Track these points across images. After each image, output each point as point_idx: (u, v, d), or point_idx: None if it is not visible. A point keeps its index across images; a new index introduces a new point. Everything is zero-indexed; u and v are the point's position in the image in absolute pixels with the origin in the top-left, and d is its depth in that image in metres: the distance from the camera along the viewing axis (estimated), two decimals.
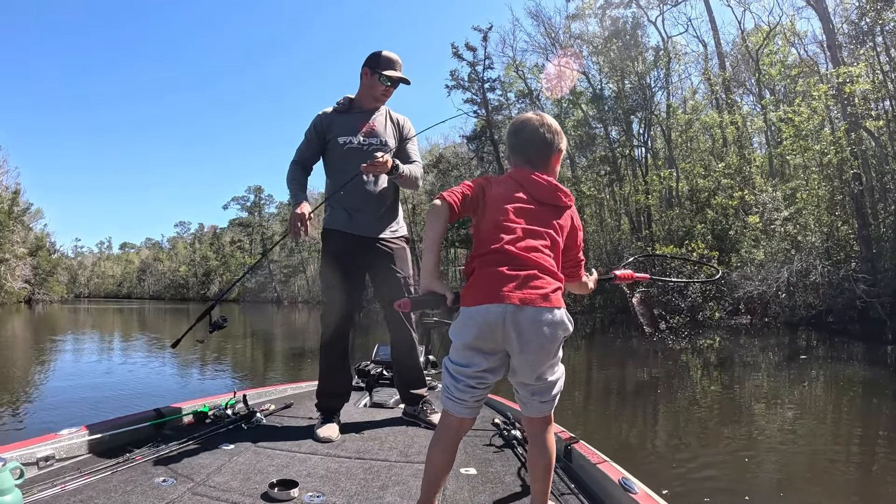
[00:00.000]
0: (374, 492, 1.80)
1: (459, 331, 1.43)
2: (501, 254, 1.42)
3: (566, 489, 1.83)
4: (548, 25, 27.34)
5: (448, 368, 1.48)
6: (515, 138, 1.63)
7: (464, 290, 1.45)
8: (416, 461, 2.13)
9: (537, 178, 1.54)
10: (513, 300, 1.36)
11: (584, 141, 25.74)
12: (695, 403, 6.67)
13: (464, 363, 1.44)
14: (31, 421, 5.61)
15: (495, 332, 1.38)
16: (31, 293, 47.45)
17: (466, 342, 1.42)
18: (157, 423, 2.40)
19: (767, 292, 16.32)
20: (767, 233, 17.30)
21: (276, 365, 11.21)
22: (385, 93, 2.71)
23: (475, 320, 1.39)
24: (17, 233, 42.62)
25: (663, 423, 5.88)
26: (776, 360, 10.56)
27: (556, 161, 1.63)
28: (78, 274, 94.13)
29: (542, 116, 1.65)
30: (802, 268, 15.41)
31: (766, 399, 6.93)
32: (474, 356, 1.42)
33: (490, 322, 1.38)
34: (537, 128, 1.60)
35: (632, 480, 1.67)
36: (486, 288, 1.40)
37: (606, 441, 4.80)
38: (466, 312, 1.42)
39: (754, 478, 3.91)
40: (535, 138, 1.60)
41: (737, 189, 18.87)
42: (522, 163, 1.59)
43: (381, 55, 2.65)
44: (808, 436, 5.10)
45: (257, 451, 2.21)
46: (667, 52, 23.99)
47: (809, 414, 6.13)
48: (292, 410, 3.01)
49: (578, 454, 2.05)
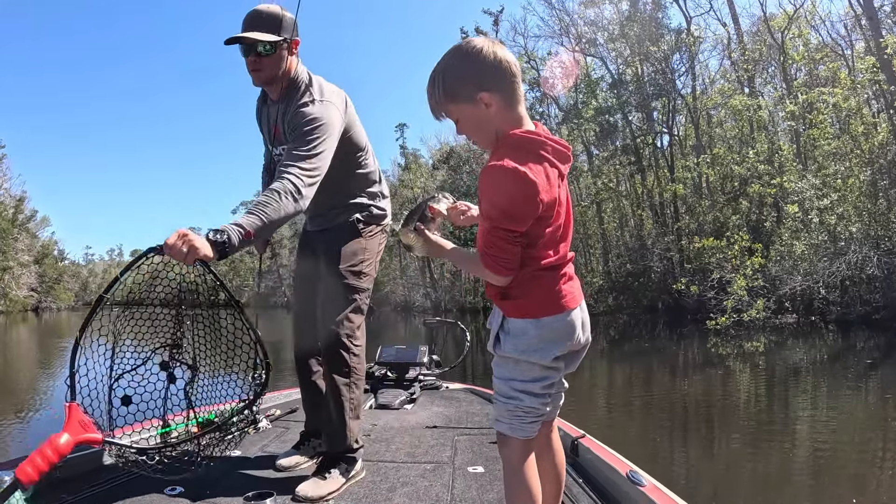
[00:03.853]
0: (382, 493, 1.82)
1: (548, 346, 1.24)
2: (563, 257, 1.27)
3: (574, 483, 1.83)
4: (560, 10, 26.06)
5: (527, 391, 1.25)
6: (495, 59, 1.21)
7: (543, 297, 1.24)
8: (423, 461, 2.12)
9: (557, 143, 1.25)
10: (580, 298, 1.31)
11: (604, 129, 24.36)
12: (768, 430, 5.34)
13: (548, 377, 1.28)
14: (32, 431, 5.60)
15: (579, 333, 1.28)
16: (39, 301, 47.03)
17: (565, 351, 1.27)
18: (163, 431, 2.29)
19: (813, 288, 14.90)
20: (806, 223, 15.92)
21: (284, 375, 10.32)
22: (252, 66, 1.92)
23: (567, 328, 1.25)
24: (21, 240, 42.19)
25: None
26: (845, 365, 9.14)
27: None
28: (89, 281, 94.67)
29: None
30: (857, 259, 13.89)
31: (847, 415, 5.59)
32: (558, 364, 1.29)
33: (578, 324, 1.27)
34: (504, 51, 1.23)
35: (640, 474, 1.67)
36: (568, 291, 1.27)
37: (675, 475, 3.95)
38: (557, 321, 1.24)
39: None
40: (513, 66, 1.23)
41: (775, 176, 17.42)
42: (519, 103, 1.25)
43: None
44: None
45: (262, 456, 2.24)
46: (690, 32, 22.57)
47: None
48: (298, 415, 2.99)
49: (585, 448, 2.05)
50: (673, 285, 18.75)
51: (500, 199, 1.15)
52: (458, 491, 1.80)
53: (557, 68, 25.44)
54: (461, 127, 1.28)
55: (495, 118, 1.22)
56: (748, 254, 15.56)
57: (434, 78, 1.26)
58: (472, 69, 1.21)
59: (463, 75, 1.22)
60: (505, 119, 1.23)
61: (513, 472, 1.29)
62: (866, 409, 5.99)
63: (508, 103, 1.22)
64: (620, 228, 26.47)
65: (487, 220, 1.19)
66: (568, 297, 1.26)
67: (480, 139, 1.29)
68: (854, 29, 21.74)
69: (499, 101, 1.21)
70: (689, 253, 18.96)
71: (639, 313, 21.25)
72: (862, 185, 15.49)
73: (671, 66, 23.46)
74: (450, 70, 1.24)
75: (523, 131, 1.23)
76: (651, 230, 23.48)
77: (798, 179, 16.83)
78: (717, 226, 18.37)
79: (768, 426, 5.49)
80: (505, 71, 1.21)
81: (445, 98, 1.25)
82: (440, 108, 1.27)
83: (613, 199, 25.64)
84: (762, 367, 9.27)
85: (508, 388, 1.27)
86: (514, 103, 1.23)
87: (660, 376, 9.03)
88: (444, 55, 1.26)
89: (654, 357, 11.32)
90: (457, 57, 1.23)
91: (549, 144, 1.22)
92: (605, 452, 1.95)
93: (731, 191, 19.55)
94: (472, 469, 2.00)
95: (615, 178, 25.02)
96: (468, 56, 1.21)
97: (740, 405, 6.50)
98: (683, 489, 3.45)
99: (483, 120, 1.23)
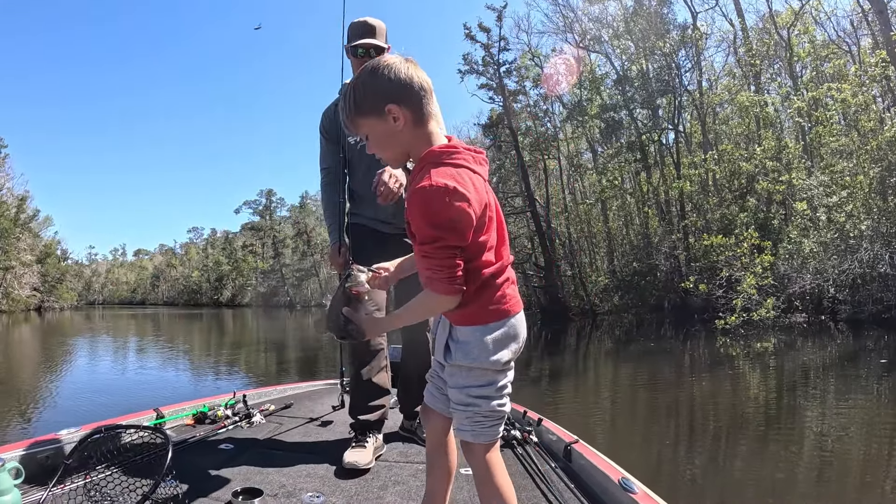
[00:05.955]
0: (373, 492, 1.83)
1: (500, 350, 1.26)
2: (504, 261, 1.28)
3: (566, 489, 1.83)
4: (564, 6, 25.79)
5: (484, 396, 1.27)
6: (405, 74, 1.22)
7: (492, 304, 1.25)
8: (415, 461, 2.15)
9: (473, 150, 1.26)
10: (521, 301, 1.34)
11: (609, 126, 24.10)
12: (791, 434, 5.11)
13: (508, 380, 1.30)
14: (32, 422, 5.75)
15: (524, 335, 1.32)
16: (41, 301, 46.96)
17: (514, 354, 1.29)
18: (157, 423, 2.38)
19: (823, 286, 14.64)
20: (814, 221, 15.65)
21: (280, 371, 10.50)
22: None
23: (514, 331, 1.28)
24: (23, 240, 42.08)
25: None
26: (858, 364, 8.89)
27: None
28: (92, 281, 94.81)
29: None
30: (870, 257, 13.62)
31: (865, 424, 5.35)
32: (509, 367, 1.30)
33: (523, 327, 1.31)
34: (415, 68, 1.25)
35: (631, 480, 1.68)
36: (511, 295, 1.29)
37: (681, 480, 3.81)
38: (506, 325, 1.27)
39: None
40: (424, 83, 1.24)
41: (783, 173, 17.15)
42: (430, 119, 1.25)
43: (350, 25, 2.38)
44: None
45: (256, 451, 2.24)
46: (696, 27, 22.30)
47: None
48: (292, 410, 3.02)
49: (578, 454, 2.06)
50: (680, 284, 18.50)
51: (438, 218, 1.14)
52: (457, 495, 1.80)
53: (561, 65, 25.23)
54: (371, 143, 1.28)
55: (404, 134, 1.23)
56: (757, 252, 15.31)
57: (346, 93, 1.27)
58: (381, 83, 1.22)
59: (372, 89, 1.23)
60: (415, 135, 1.24)
61: (483, 477, 1.30)
62: (881, 411, 5.76)
63: (418, 119, 1.23)
64: (626, 227, 26.19)
65: (428, 244, 1.17)
66: (512, 301, 1.28)
67: (389, 156, 1.29)
68: (860, 25, 21.51)
69: (408, 116, 1.22)
70: (696, 251, 18.70)
71: (644, 312, 21.00)
72: (871, 181, 15.22)
73: (677, 61, 23.21)
74: (360, 84, 1.25)
75: (440, 146, 1.23)
76: (657, 228, 23.21)
77: (806, 177, 16.58)
78: (724, 223, 18.09)
79: (776, 430, 5.28)
80: (414, 86, 1.22)
81: (355, 111, 1.26)
82: (351, 123, 1.28)
83: (618, 197, 25.36)
84: (772, 368, 9.05)
85: (465, 395, 1.28)
86: (424, 119, 1.24)
87: (666, 377, 8.80)
88: (360, 71, 1.27)
89: (660, 357, 11.09)
90: (368, 72, 1.25)
91: (468, 153, 1.23)
92: (597, 458, 1.96)
93: (739, 188, 19.27)
94: (464, 471, 1.96)
95: (620, 176, 24.76)
96: (378, 70, 1.23)
97: (749, 408, 6.28)
98: (684, 496, 3.43)
99: (391, 135, 1.24)
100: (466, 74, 25.46)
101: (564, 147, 27.49)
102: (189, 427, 2.58)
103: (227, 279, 73.83)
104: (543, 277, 24.95)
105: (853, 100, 16.19)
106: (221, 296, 72.76)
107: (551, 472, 2.03)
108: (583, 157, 28.43)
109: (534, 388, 7.95)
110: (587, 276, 24.45)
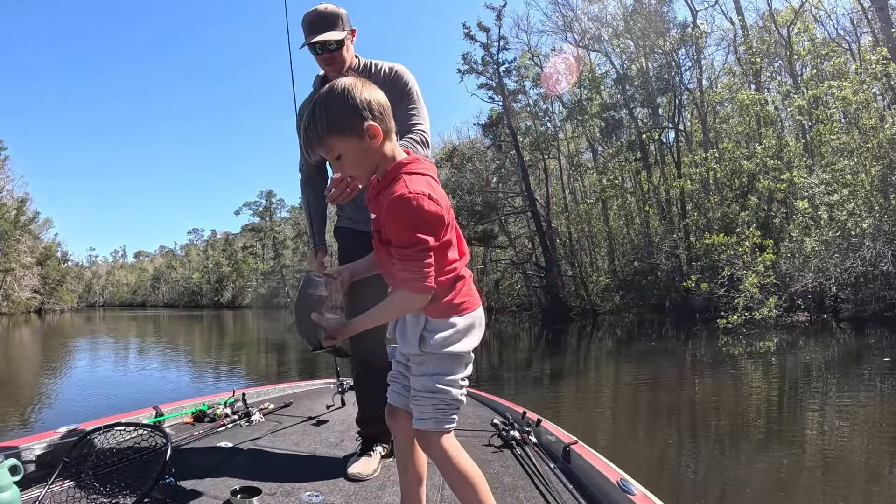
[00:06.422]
0: (372, 491, 1.83)
1: (469, 338, 1.36)
2: (464, 256, 1.39)
3: (564, 490, 1.84)
4: (563, 6, 25.74)
5: (452, 384, 1.35)
6: (375, 94, 1.29)
7: (459, 297, 1.35)
8: None
9: (427, 160, 1.41)
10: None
11: (609, 125, 24.03)
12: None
13: (466, 370, 1.38)
14: (31, 421, 5.77)
15: (483, 327, 1.41)
16: (42, 303, 46.90)
17: (474, 346, 1.38)
18: (156, 421, 2.35)
19: (825, 285, 14.57)
20: (816, 219, 15.58)
21: (280, 371, 10.60)
22: (326, 62, 2.13)
23: (479, 321, 1.39)
24: (24, 242, 42.02)
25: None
26: (861, 363, 8.83)
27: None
28: (92, 283, 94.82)
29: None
30: (872, 255, 13.55)
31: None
32: (471, 356, 1.40)
33: (483, 318, 1.41)
34: (377, 88, 1.31)
35: (630, 482, 1.68)
36: (473, 289, 1.40)
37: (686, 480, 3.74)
38: (473, 317, 1.37)
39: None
40: (385, 101, 1.31)
41: (784, 171, 17.08)
42: (392, 134, 1.33)
43: (302, 20, 2.12)
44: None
45: (255, 449, 2.24)
46: (696, 26, 22.23)
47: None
48: (291, 409, 3.01)
49: (577, 455, 2.05)
50: (681, 283, 18.43)
51: (418, 223, 1.22)
52: (448, 491, 1.79)
53: (561, 65, 25.16)
54: (343, 163, 1.29)
55: (377, 151, 1.28)
56: (759, 250, 15.25)
57: (314, 111, 1.25)
58: (359, 102, 1.24)
59: (351, 108, 1.24)
60: (385, 151, 1.29)
61: (446, 464, 1.34)
62: (884, 410, 5.70)
63: (388, 136, 1.29)
64: (626, 226, 26.10)
65: (409, 247, 1.23)
66: (475, 295, 1.39)
67: (361, 174, 1.33)
68: (860, 23, 21.46)
69: (381, 134, 1.27)
70: (698, 250, 18.63)
71: (646, 312, 20.92)
72: (873, 180, 15.16)
73: (677, 60, 23.15)
74: (335, 103, 1.25)
75: (407, 159, 1.31)
76: (658, 227, 23.13)
77: (807, 175, 16.51)
78: (725, 222, 18.03)
79: (778, 430, 5.21)
80: (384, 105, 1.28)
81: (329, 131, 1.25)
82: (320, 144, 1.27)
83: (619, 197, 25.28)
84: (774, 367, 8.99)
85: (433, 383, 1.33)
86: (391, 136, 1.30)
87: (668, 377, 8.74)
88: (320, 94, 1.27)
89: (661, 357, 11.02)
90: (338, 92, 1.25)
91: (428, 163, 1.33)
92: (596, 459, 1.96)
93: (740, 186, 19.21)
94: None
95: (621, 175, 24.68)
96: (351, 90, 1.25)
97: (751, 408, 6.22)
98: (684, 497, 3.41)
99: (368, 153, 1.28)
100: (466, 74, 25.45)
101: (564, 146, 27.42)
102: (188, 425, 2.58)
103: (227, 281, 73.80)
104: (544, 277, 24.88)
105: (854, 97, 16.12)
106: (222, 297, 72.72)
107: (550, 473, 2.02)
108: (583, 156, 28.34)
109: (535, 389, 7.90)
110: (588, 275, 24.36)
